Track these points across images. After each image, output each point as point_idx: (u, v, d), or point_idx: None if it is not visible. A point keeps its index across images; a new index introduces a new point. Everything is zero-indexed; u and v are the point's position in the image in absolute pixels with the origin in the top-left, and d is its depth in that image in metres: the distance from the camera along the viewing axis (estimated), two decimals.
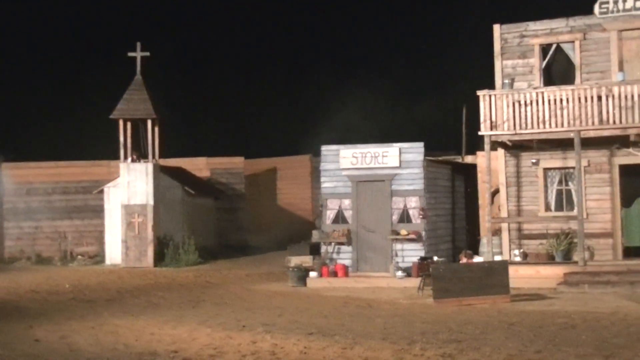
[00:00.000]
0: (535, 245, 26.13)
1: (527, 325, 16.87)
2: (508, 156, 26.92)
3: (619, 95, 24.05)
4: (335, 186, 27.52)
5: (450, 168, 29.93)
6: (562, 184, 26.49)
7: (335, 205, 27.53)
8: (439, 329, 16.72)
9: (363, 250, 27.01)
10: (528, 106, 24.97)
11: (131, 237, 33.70)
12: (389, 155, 26.94)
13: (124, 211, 33.90)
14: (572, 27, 26.45)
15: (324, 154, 27.88)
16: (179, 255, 33.44)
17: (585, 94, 24.40)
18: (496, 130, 25.32)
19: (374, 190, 27.11)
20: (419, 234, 26.49)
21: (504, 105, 25.25)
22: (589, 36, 26.16)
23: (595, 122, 24.27)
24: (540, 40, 26.77)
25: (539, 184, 26.55)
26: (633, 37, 25.75)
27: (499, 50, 27.11)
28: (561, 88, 24.89)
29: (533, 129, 24.89)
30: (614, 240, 25.50)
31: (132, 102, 34.41)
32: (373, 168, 27.09)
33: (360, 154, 27.22)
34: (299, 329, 17.02)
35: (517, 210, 26.70)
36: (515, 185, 26.82)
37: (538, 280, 23.81)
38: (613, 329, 16.32)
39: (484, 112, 25.45)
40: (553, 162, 26.46)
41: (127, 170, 34.13)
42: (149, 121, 34.43)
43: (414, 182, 26.75)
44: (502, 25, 27.21)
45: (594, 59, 26.13)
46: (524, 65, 26.90)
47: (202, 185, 39.44)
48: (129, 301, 22.92)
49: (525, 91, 25.39)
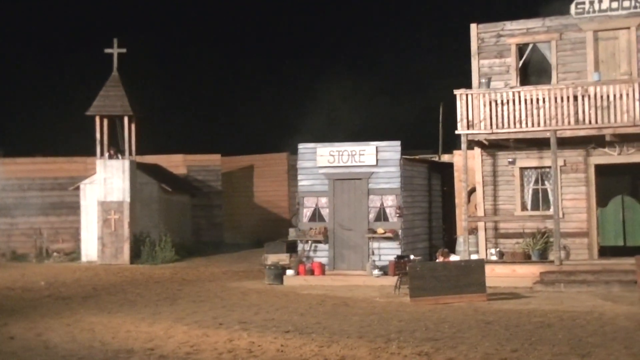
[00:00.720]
0: (511, 244, 26.20)
1: (503, 324, 16.93)
2: (485, 155, 26.98)
3: (594, 96, 24.14)
4: (312, 184, 27.52)
5: (427, 167, 29.98)
6: (539, 184, 26.57)
7: (312, 203, 27.53)
8: (416, 327, 16.74)
9: (340, 249, 27.01)
10: (505, 105, 25.03)
11: (107, 234, 33.57)
12: (365, 154, 26.96)
13: (100, 208, 33.75)
14: (548, 27, 26.53)
15: (301, 152, 27.87)
16: (155, 252, 33.33)
17: (561, 94, 24.49)
18: (473, 130, 25.37)
19: (350, 189, 27.12)
20: (396, 233, 26.52)
21: (481, 104, 25.30)
22: (565, 36, 26.26)
23: (571, 122, 24.36)
24: (517, 40, 26.84)
25: (516, 183, 26.62)
26: (609, 38, 25.86)
27: (476, 50, 27.17)
28: (537, 88, 24.97)
29: (510, 128, 24.96)
30: (590, 239, 25.61)
31: (109, 99, 34.26)
32: (350, 166, 27.11)
33: (337, 152, 27.23)
34: (275, 327, 17.01)
35: (494, 209, 26.76)
36: (492, 185, 26.88)
37: (514, 279, 23.90)
38: (588, 328, 16.39)
39: (460, 111, 25.49)
40: (529, 162, 26.54)
41: (104, 167, 33.99)
42: (125, 118, 34.28)
43: (390, 181, 26.78)
44: (479, 25, 27.25)
45: (570, 59, 26.22)
46: (500, 65, 26.96)
47: (179, 182, 39.33)
48: (105, 298, 22.82)
49: (501, 90, 25.46)
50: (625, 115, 23.87)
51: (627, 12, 25.49)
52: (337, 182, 27.23)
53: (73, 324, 18.04)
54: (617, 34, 25.74)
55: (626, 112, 23.85)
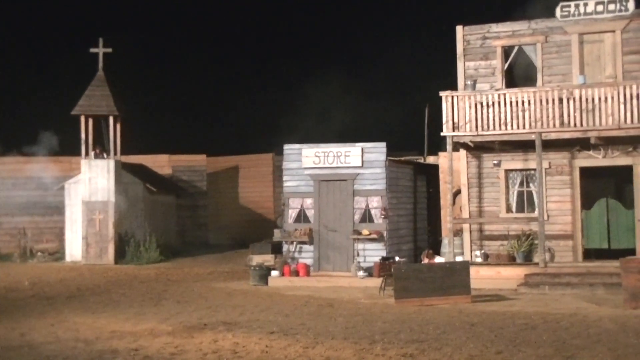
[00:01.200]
0: (496, 246, 26.26)
1: (487, 326, 16.95)
2: (470, 157, 27.03)
3: (580, 98, 24.21)
4: (297, 185, 27.51)
5: (413, 168, 30.00)
6: (524, 186, 26.63)
7: (297, 204, 27.52)
8: (400, 328, 16.75)
9: (325, 250, 27.01)
10: (490, 107, 25.08)
11: (92, 234, 33.48)
12: (351, 155, 26.97)
13: (84, 208, 33.66)
14: (534, 29, 26.60)
15: (286, 153, 27.85)
16: (140, 252, 33.27)
17: (546, 96, 24.56)
18: (458, 132, 25.41)
19: (336, 190, 27.12)
20: (381, 234, 26.53)
21: (466, 106, 25.34)
22: (551, 39, 26.33)
23: (556, 125, 24.43)
24: (503, 42, 26.89)
25: (501, 185, 26.67)
26: (594, 41, 25.94)
27: (461, 52, 27.21)
28: (523, 90, 25.03)
29: (495, 130, 25.02)
30: (574, 242, 25.68)
31: (94, 98, 34.16)
32: (335, 167, 27.11)
33: (322, 153, 27.23)
34: (260, 328, 17.00)
35: (479, 211, 26.81)
36: (477, 186, 26.93)
37: (499, 281, 23.94)
38: (573, 330, 16.43)
39: (446, 113, 25.53)
40: (514, 164, 26.59)
41: (89, 166, 33.90)
42: (110, 118, 34.20)
43: (376, 182, 26.79)
44: (465, 27, 27.30)
45: (556, 62, 26.29)
46: (486, 67, 27.01)
47: (164, 183, 39.27)
48: (90, 298, 22.76)
49: (487, 92, 25.50)
50: (610, 118, 23.95)
51: (612, 16, 25.58)
52: (323, 183, 27.23)
53: (57, 324, 17.99)
54: (603, 37, 25.82)
55: (611, 115, 23.93)
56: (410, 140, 38.06)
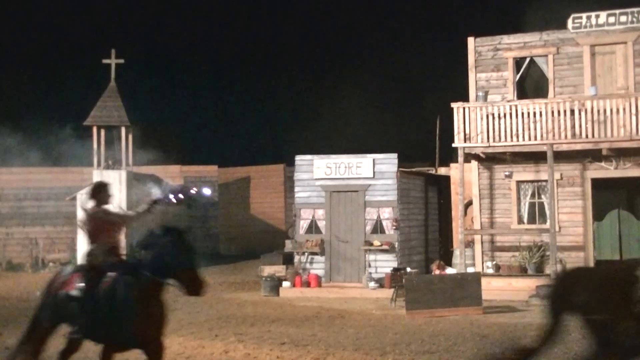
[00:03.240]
0: (507, 257, 26.22)
1: (498, 337, 16.91)
2: (481, 168, 27.03)
3: (591, 110, 24.21)
4: (308, 196, 27.52)
5: (424, 179, 29.99)
6: (535, 197, 26.61)
7: (309, 215, 27.52)
8: (411, 340, 16.73)
9: (336, 261, 27.01)
10: (501, 119, 25.09)
11: None
12: (362, 166, 26.98)
13: None
14: (545, 41, 26.62)
15: (297, 164, 27.88)
16: None
17: (558, 108, 24.56)
18: (470, 143, 25.41)
19: (347, 201, 27.13)
20: (392, 245, 26.51)
21: (478, 117, 25.36)
22: (563, 50, 26.33)
23: (568, 136, 24.42)
24: (514, 54, 26.92)
25: (512, 197, 26.65)
26: (605, 52, 25.94)
27: (473, 63, 27.23)
28: (534, 101, 25.04)
29: (506, 141, 25.01)
30: (586, 253, 25.63)
31: (106, 109, 34.21)
32: (347, 178, 27.11)
33: (334, 164, 27.25)
34: (271, 339, 17.00)
35: (490, 223, 26.79)
36: (488, 198, 26.91)
37: (510, 293, 23.89)
38: (584, 341, 16.36)
39: (457, 124, 25.55)
40: (526, 175, 26.58)
41: (100, 177, 33.89)
42: (122, 128, 34.26)
43: (387, 193, 26.79)
44: (477, 38, 27.34)
45: (567, 73, 26.30)
46: (497, 78, 27.03)
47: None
48: None
49: (498, 104, 25.52)
50: (622, 130, 23.94)
51: (624, 27, 25.60)
52: (334, 194, 27.24)
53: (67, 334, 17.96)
54: (614, 48, 25.83)
55: (622, 127, 23.91)
56: (422, 151, 38.05)
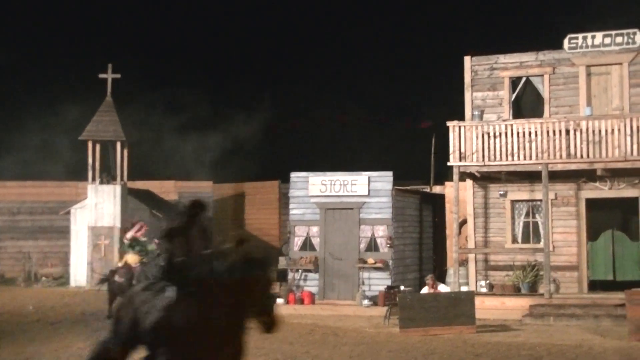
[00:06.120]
0: (501, 276, 26.30)
1: (492, 356, 17.01)
2: (476, 187, 27.13)
3: (586, 130, 24.34)
4: (303, 213, 27.62)
5: (419, 198, 30.11)
6: (529, 216, 26.70)
7: (303, 232, 27.61)
8: (405, 358, 16.81)
9: (330, 278, 27.08)
10: (497, 138, 25.21)
11: (97, 259, 33.55)
12: (357, 184, 27.08)
13: (90, 233, 33.76)
14: (541, 60, 26.78)
15: (293, 181, 27.97)
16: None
17: (553, 128, 24.68)
18: (465, 161, 25.53)
19: (342, 218, 27.22)
20: (386, 263, 26.60)
21: (473, 136, 25.47)
22: (558, 70, 26.49)
23: (563, 156, 24.54)
24: (510, 73, 27.07)
25: (507, 216, 26.75)
26: (601, 73, 26.10)
27: (469, 82, 27.37)
28: (530, 121, 25.17)
29: (501, 161, 25.13)
30: (580, 273, 25.72)
31: (102, 124, 34.33)
32: (342, 196, 27.21)
33: (329, 181, 27.36)
34: (265, 356, 17.05)
35: (484, 242, 26.88)
36: (483, 217, 27.00)
37: (504, 312, 23.96)
38: None
39: (453, 143, 25.66)
40: (520, 194, 26.68)
41: (95, 191, 34.04)
42: (118, 143, 34.35)
43: (382, 211, 26.89)
44: (473, 57, 27.48)
45: (563, 93, 26.45)
46: (493, 97, 27.17)
47: (170, 209, 39.31)
48: (94, 324, 22.75)
49: (494, 123, 25.65)
50: (617, 150, 24.07)
51: (620, 48, 25.76)
52: (329, 211, 27.34)
53: (61, 349, 18.04)
54: (610, 69, 26.00)
55: (617, 147, 24.05)
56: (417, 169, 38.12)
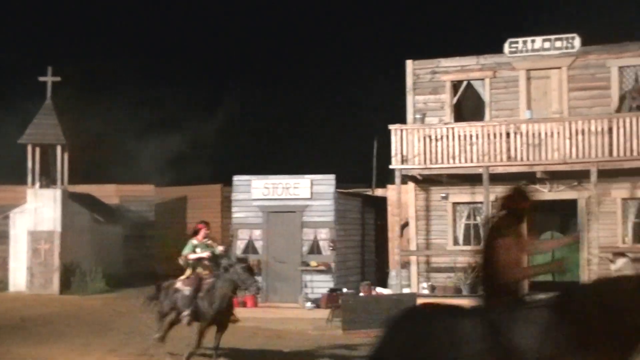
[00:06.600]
0: (443, 278, 26.50)
1: None
2: (418, 190, 27.31)
3: (526, 133, 24.65)
4: (246, 216, 27.59)
5: (361, 200, 30.23)
6: (471, 219, 26.95)
7: (246, 236, 27.59)
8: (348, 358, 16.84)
9: (273, 281, 27.08)
10: (439, 141, 25.43)
11: (37, 264, 33.17)
12: (300, 187, 27.12)
13: (29, 237, 33.37)
14: (482, 64, 27.04)
15: (235, 184, 27.93)
16: (85, 282, 33.00)
17: (494, 131, 24.97)
18: (407, 164, 25.71)
19: (284, 221, 27.24)
20: (329, 266, 26.67)
21: (415, 139, 25.67)
22: (499, 74, 26.78)
23: (503, 159, 24.82)
24: (452, 77, 27.30)
25: (448, 218, 26.97)
26: (540, 77, 26.43)
27: (411, 86, 27.57)
28: (471, 124, 25.43)
29: (443, 163, 25.36)
30: None
31: (42, 127, 33.92)
32: (284, 199, 27.24)
33: (271, 184, 27.36)
34: (207, 358, 17.01)
35: (426, 244, 27.07)
36: (425, 219, 27.20)
37: None
38: None
39: (395, 146, 25.83)
40: (462, 197, 26.92)
41: (35, 196, 33.64)
42: (58, 147, 33.98)
43: (324, 214, 26.94)
44: (415, 61, 27.67)
45: (503, 97, 26.74)
46: (435, 101, 27.38)
47: (111, 213, 39.06)
48: (34, 329, 22.56)
49: (436, 126, 25.87)
50: (556, 153, 24.40)
51: (559, 52, 26.12)
52: (272, 214, 27.34)
53: (1, 355, 17.82)
54: (549, 73, 26.34)
55: (557, 150, 24.38)
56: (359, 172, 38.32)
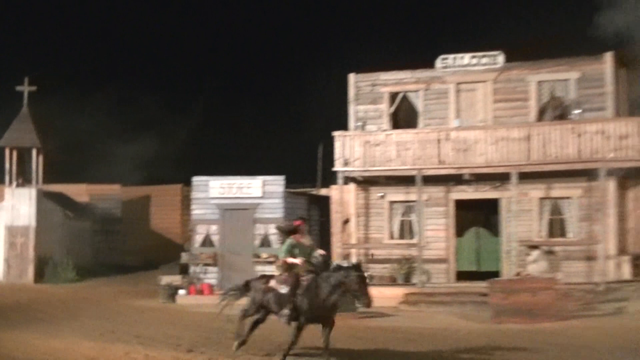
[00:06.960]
0: (380, 269, 26.69)
1: (371, 339, 17.35)
2: (358, 190, 27.50)
3: (455, 139, 24.96)
4: (204, 213, 27.64)
5: (307, 199, 30.36)
6: (405, 215, 27.18)
7: (204, 230, 27.63)
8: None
9: (228, 271, 27.13)
10: (377, 146, 25.67)
11: (13, 256, 32.97)
12: (252, 187, 27.23)
13: (7, 232, 33.14)
14: (417, 78, 27.27)
15: (195, 184, 27.97)
16: (57, 273, 32.84)
17: (426, 137, 25.25)
18: (349, 167, 25.91)
19: (239, 218, 27.32)
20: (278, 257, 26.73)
21: (356, 145, 25.88)
22: (432, 87, 27.04)
23: (434, 162, 25.11)
24: (390, 89, 27.51)
25: (385, 215, 27.17)
26: (468, 89, 26.73)
27: (353, 96, 27.74)
28: (406, 131, 25.71)
29: (381, 166, 25.59)
30: (448, 265, 26.31)
31: (19, 132, 33.71)
32: (239, 198, 27.33)
33: (227, 184, 27.44)
34: (168, 341, 17.08)
35: (365, 238, 27.27)
36: (364, 216, 27.39)
37: (382, 300, 24.05)
38: (446, 342, 16.93)
39: (338, 151, 26.03)
40: (397, 196, 27.13)
41: (12, 194, 33.42)
42: (33, 150, 33.81)
43: (274, 211, 27.06)
44: (357, 74, 27.84)
45: (435, 107, 26.99)
46: (374, 110, 27.57)
47: (82, 209, 38.89)
48: (11, 315, 22.44)
49: (375, 133, 26.10)
50: (481, 157, 24.75)
51: (485, 68, 26.44)
52: (227, 211, 27.41)
53: None
54: (476, 86, 26.63)
55: (482, 155, 24.74)
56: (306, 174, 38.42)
